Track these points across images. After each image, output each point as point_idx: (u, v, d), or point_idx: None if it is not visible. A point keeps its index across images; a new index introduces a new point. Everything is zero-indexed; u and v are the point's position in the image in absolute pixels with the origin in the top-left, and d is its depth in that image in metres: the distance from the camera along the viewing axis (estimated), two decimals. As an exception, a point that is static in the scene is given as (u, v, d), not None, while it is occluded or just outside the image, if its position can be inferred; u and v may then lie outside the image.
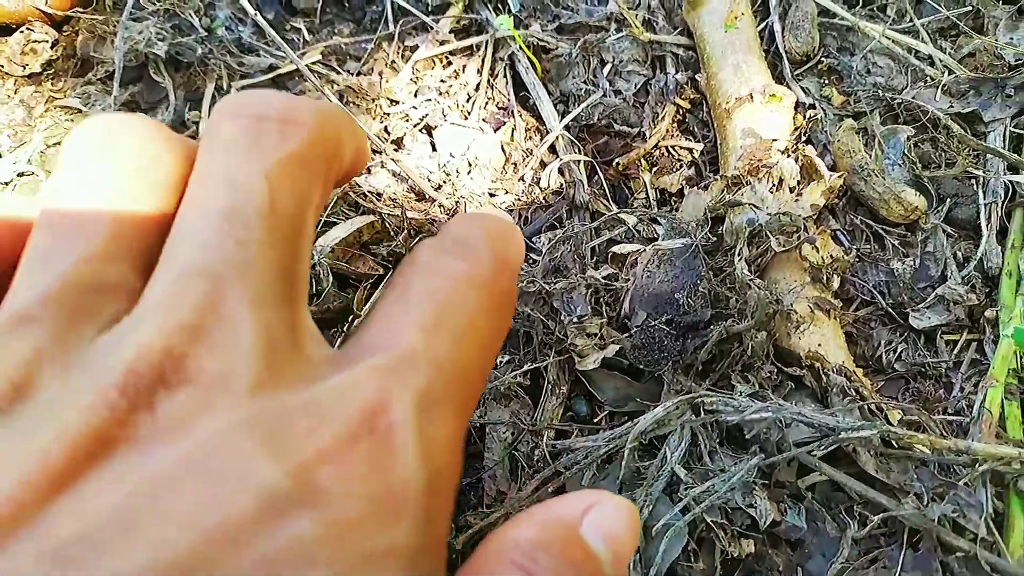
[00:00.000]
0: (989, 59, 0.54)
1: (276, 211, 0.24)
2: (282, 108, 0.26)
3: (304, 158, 0.26)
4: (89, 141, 0.27)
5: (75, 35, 0.57)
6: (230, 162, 0.25)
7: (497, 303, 0.30)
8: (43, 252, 0.24)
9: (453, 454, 0.24)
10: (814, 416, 0.37)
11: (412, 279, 0.27)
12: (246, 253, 0.23)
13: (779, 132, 0.50)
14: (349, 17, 0.61)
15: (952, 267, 0.47)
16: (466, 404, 0.27)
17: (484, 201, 0.50)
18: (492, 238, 0.30)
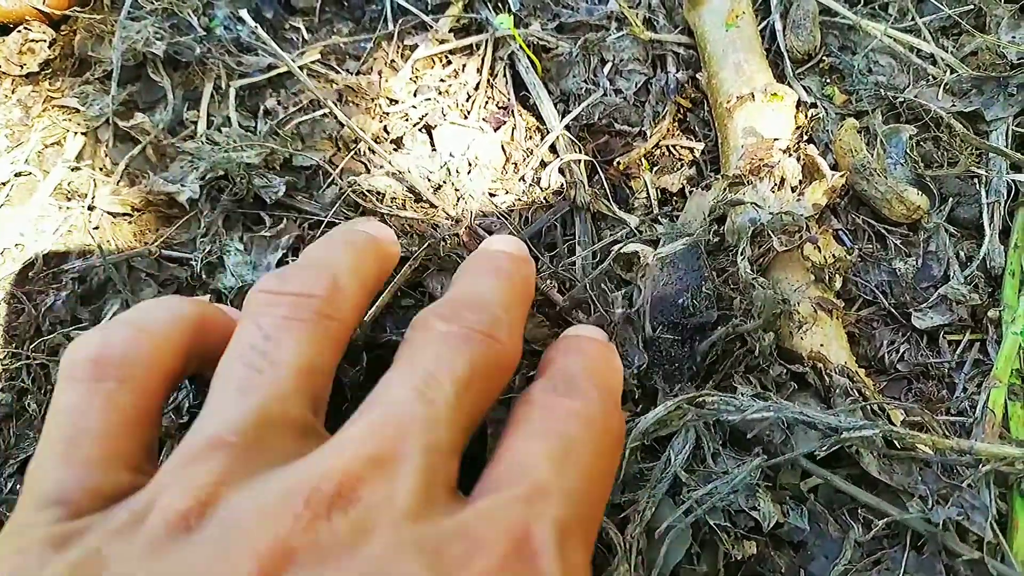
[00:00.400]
0: (991, 58, 0.54)
1: (468, 390, 0.28)
2: (490, 325, 0.31)
3: (497, 366, 0.31)
4: (280, 293, 0.30)
5: (73, 34, 0.57)
6: (442, 346, 0.29)
7: (612, 440, 0.32)
8: (237, 383, 0.27)
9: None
10: (816, 416, 0.37)
11: (531, 417, 0.30)
12: (435, 413, 0.27)
13: (781, 131, 0.49)
14: (348, 16, 0.61)
15: (955, 267, 0.47)
16: (592, 534, 0.29)
17: (484, 201, 0.50)
18: (593, 372, 0.34)
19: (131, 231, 0.50)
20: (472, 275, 0.36)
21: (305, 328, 0.29)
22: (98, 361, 0.27)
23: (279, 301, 0.30)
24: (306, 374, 0.28)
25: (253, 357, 0.28)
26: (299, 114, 0.54)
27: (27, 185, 0.52)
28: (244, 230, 0.50)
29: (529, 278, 0.37)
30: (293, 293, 0.30)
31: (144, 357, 0.28)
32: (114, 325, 0.30)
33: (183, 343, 0.30)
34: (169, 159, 0.52)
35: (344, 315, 0.31)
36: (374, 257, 0.35)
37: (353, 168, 0.52)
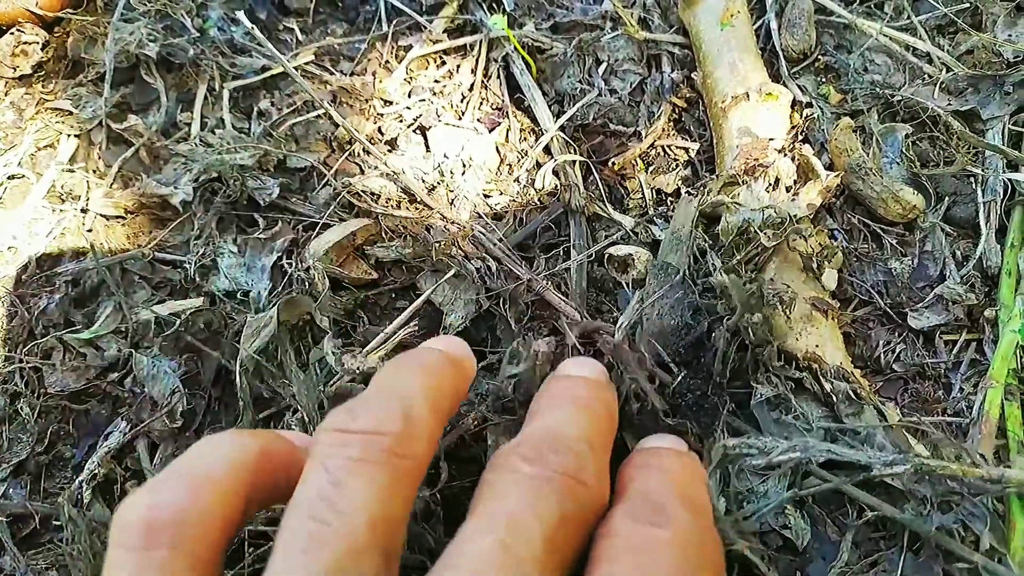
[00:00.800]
0: (987, 56, 0.53)
1: (554, 547, 0.26)
2: (576, 467, 0.28)
3: (586, 511, 0.29)
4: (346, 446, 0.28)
5: (66, 36, 0.57)
6: (526, 491, 0.27)
7: (709, 563, 0.29)
8: (305, 538, 0.25)
9: None
10: (845, 452, 0.36)
11: (616, 554, 0.28)
12: (520, 570, 0.25)
13: (776, 131, 0.49)
14: (342, 17, 0.61)
15: (951, 266, 0.47)
16: None
17: (479, 203, 0.50)
18: (679, 490, 0.31)
19: (124, 233, 0.50)
20: (551, 407, 0.33)
21: (377, 471, 0.27)
22: (149, 527, 0.25)
23: (349, 440, 0.27)
24: (380, 523, 0.26)
25: (321, 509, 0.26)
26: (293, 115, 0.54)
27: (20, 188, 0.52)
28: (238, 232, 0.50)
29: (612, 405, 0.34)
30: (363, 431, 0.28)
31: (198, 515, 0.26)
32: (165, 480, 0.27)
33: (243, 489, 0.28)
34: (163, 161, 0.52)
35: (418, 451, 0.29)
36: (450, 379, 0.33)
37: (347, 169, 0.52)
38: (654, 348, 0.40)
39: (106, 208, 0.51)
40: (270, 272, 0.47)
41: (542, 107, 0.53)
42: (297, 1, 0.60)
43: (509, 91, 0.55)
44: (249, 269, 0.47)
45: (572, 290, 0.46)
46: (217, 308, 0.46)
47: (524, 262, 0.47)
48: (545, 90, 0.55)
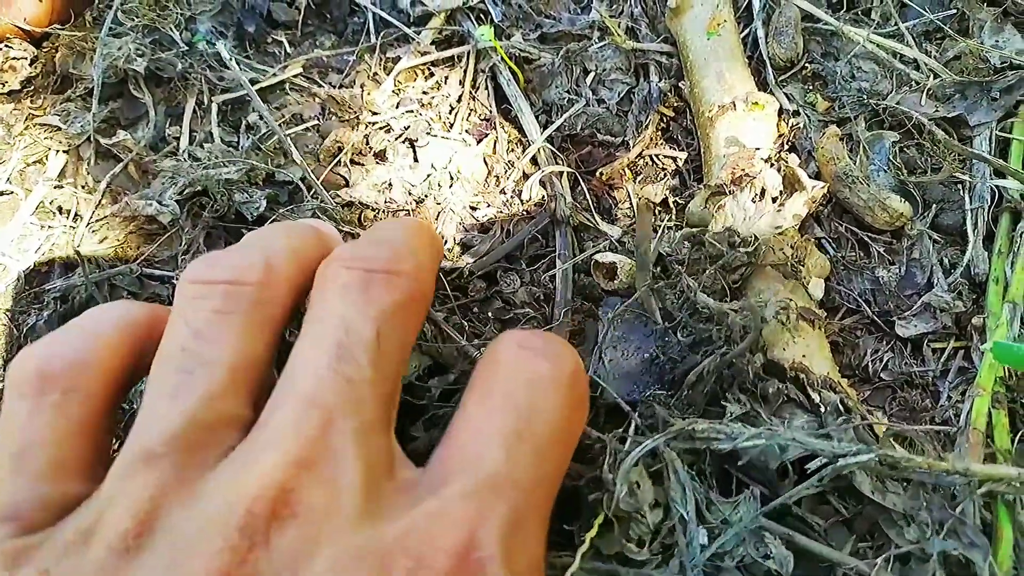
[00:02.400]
0: (975, 62, 0.53)
1: (382, 352, 0.27)
2: (388, 260, 0.29)
3: (406, 304, 0.29)
4: (203, 283, 0.29)
5: (54, 51, 0.57)
6: (344, 308, 0.28)
7: (577, 402, 0.30)
8: (168, 388, 0.26)
9: (538, 572, 0.26)
10: (810, 440, 0.36)
11: (494, 383, 0.28)
12: (355, 391, 0.26)
13: (762, 140, 0.49)
14: (331, 29, 0.61)
15: (938, 274, 0.47)
16: (548, 510, 0.28)
17: (465, 215, 0.50)
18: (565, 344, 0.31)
19: (113, 249, 0.50)
20: (375, 228, 0.35)
21: (238, 320, 0.28)
22: (43, 373, 0.27)
23: (209, 292, 0.28)
24: (241, 369, 0.27)
25: (183, 359, 0.27)
26: (282, 128, 0.54)
27: (9, 204, 0.52)
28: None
29: (436, 236, 0.37)
30: (224, 281, 0.29)
31: (90, 365, 0.28)
32: (60, 333, 0.29)
33: (132, 347, 0.29)
34: (151, 176, 0.52)
35: (279, 296, 0.30)
36: (314, 244, 0.33)
37: (335, 182, 0.52)
38: (623, 388, 0.40)
39: (95, 224, 0.51)
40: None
41: (529, 118, 0.53)
42: (285, 14, 0.60)
43: (497, 102, 0.55)
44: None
45: (558, 300, 0.46)
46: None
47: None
48: (533, 100, 0.55)
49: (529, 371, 0.28)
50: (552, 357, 0.29)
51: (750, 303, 0.39)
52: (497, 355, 0.29)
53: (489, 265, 0.48)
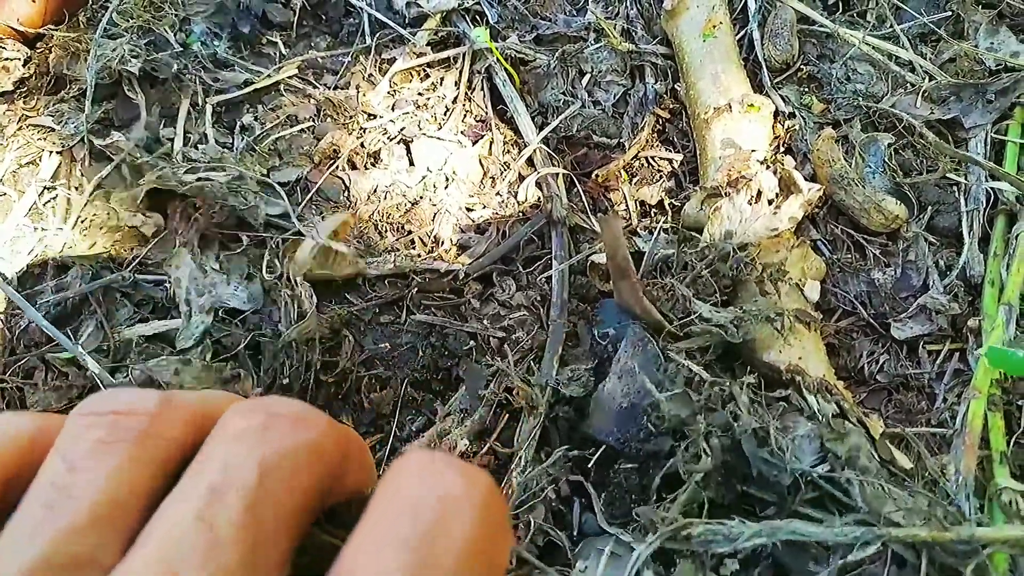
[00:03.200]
0: (970, 64, 0.53)
1: (261, 502, 0.23)
2: (299, 410, 0.25)
3: (309, 453, 0.25)
4: (91, 418, 0.25)
5: (48, 52, 0.56)
6: (227, 450, 0.25)
7: (497, 527, 0.25)
8: (27, 526, 0.23)
9: None
10: (813, 531, 0.36)
11: (395, 506, 0.25)
12: (216, 542, 0.22)
13: (758, 142, 0.49)
14: (326, 30, 0.60)
15: (934, 276, 0.47)
16: None
17: (461, 216, 0.50)
18: None
19: (107, 250, 0.50)
20: None
21: (121, 451, 0.25)
22: None
23: (96, 423, 0.25)
24: (112, 506, 0.24)
25: (50, 494, 0.24)
26: (277, 129, 0.54)
27: (2, 205, 0.52)
28: (220, 248, 0.49)
29: None
30: (114, 411, 0.26)
31: None
32: None
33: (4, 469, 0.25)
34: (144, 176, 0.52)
35: (175, 435, 0.26)
36: (224, 399, 0.32)
37: (331, 183, 0.52)
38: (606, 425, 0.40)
39: (87, 226, 0.51)
40: (256, 287, 0.47)
41: (525, 119, 0.53)
42: (280, 15, 0.60)
43: (492, 103, 0.55)
44: (230, 283, 0.47)
45: (554, 301, 0.46)
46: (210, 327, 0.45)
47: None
48: (528, 102, 0.55)
49: (439, 488, 0.26)
50: (465, 474, 0.26)
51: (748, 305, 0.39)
52: (400, 472, 0.27)
53: (485, 267, 0.48)
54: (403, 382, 0.45)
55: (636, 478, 0.41)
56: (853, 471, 0.38)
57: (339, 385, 0.44)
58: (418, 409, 0.45)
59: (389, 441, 0.43)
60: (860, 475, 0.37)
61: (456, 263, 0.48)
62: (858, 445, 0.38)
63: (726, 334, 0.41)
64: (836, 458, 0.38)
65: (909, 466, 0.40)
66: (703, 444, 0.38)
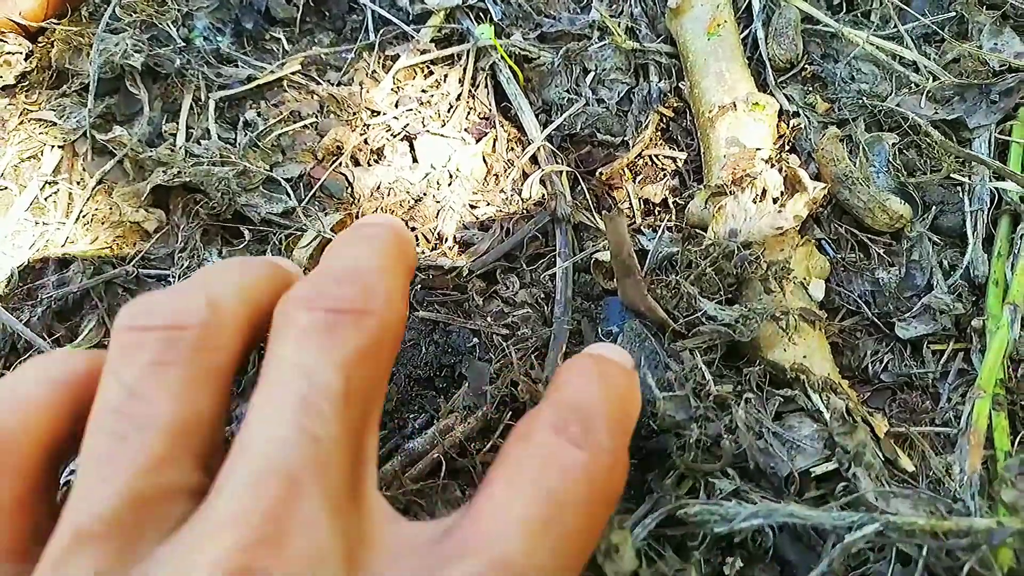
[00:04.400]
0: (974, 65, 0.53)
1: (351, 404, 0.24)
2: (355, 298, 0.26)
3: (378, 345, 0.26)
4: (136, 330, 0.25)
5: (50, 46, 0.56)
6: (304, 356, 0.24)
7: (609, 499, 0.27)
8: (101, 459, 0.23)
9: None
10: (809, 514, 0.35)
11: (524, 464, 0.26)
12: (323, 451, 0.23)
13: (763, 141, 0.49)
14: (329, 26, 0.60)
15: (938, 276, 0.47)
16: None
17: (465, 214, 0.50)
18: (616, 409, 0.28)
19: (109, 246, 0.50)
20: (339, 246, 0.30)
21: (178, 373, 0.25)
22: None
23: (144, 340, 0.25)
24: (184, 431, 0.24)
25: (116, 423, 0.24)
26: (280, 125, 0.54)
27: (3, 199, 0.52)
28: (223, 244, 0.49)
29: (407, 244, 0.31)
30: (160, 326, 0.25)
31: (16, 436, 0.24)
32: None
33: (69, 407, 0.26)
34: (147, 172, 0.52)
35: (228, 342, 0.26)
36: (266, 276, 0.29)
37: (334, 179, 0.52)
38: None
39: (89, 221, 0.50)
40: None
41: (529, 116, 0.53)
42: (283, 10, 0.60)
43: (496, 100, 0.55)
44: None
45: (558, 299, 0.46)
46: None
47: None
48: (532, 99, 0.55)
49: (563, 460, 0.26)
50: (589, 447, 0.27)
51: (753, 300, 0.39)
52: (531, 435, 0.27)
53: (489, 264, 0.48)
54: (406, 379, 0.44)
55: (638, 474, 0.41)
56: (860, 467, 0.38)
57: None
58: (421, 406, 0.45)
59: (393, 438, 0.43)
60: (866, 471, 0.37)
61: (459, 260, 0.48)
62: (865, 441, 0.38)
63: (734, 333, 0.41)
64: (845, 453, 0.38)
65: (911, 469, 0.40)
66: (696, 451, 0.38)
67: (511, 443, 0.27)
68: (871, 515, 0.35)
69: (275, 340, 0.26)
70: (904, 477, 0.40)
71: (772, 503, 0.37)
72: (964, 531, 0.35)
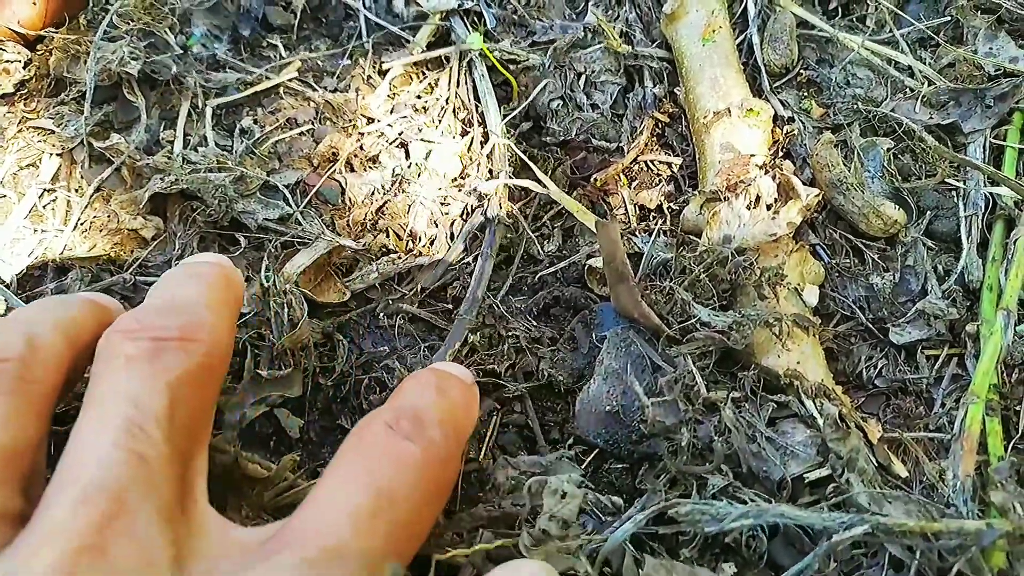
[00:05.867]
0: (969, 70, 0.53)
1: (176, 426, 0.25)
2: (181, 327, 0.27)
3: (201, 374, 0.27)
4: None
5: (48, 55, 0.56)
6: (131, 381, 0.26)
7: (441, 490, 0.29)
8: None
9: None
10: (799, 515, 0.36)
11: (356, 457, 0.27)
12: (148, 468, 0.24)
13: (757, 147, 0.49)
14: (326, 33, 0.61)
15: (932, 281, 0.47)
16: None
17: (435, 210, 0.50)
18: (449, 414, 0.30)
19: (107, 253, 0.50)
20: (164, 283, 0.32)
21: (2, 402, 0.26)
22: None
23: None
24: (4, 458, 0.25)
25: None
26: (276, 132, 0.54)
27: (2, 207, 0.52)
28: (220, 251, 0.49)
29: (234, 281, 0.33)
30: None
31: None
32: None
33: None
34: (145, 179, 0.52)
35: (48, 375, 0.27)
36: (86, 312, 0.31)
37: (330, 186, 0.52)
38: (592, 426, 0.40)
39: (87, 228, 0.51)
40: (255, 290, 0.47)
41: (494, 116, 0.54)
42: (280, 17, 0.60)
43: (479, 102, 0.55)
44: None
45: (468, 296, 0.47)
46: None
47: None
48: (529, 106, 0.55)
49: (396, 452, 0.27)
50: (421, 441, 0.28)
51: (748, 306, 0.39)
52: (365, 432, 0.28)
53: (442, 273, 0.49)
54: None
55: (628, 478, 0.41)
56: (853, 473, 0.38)
57: (338, 388, 0.44)
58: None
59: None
60: (860, 477, 0.37)
61: (418, 262, 0.49)
62: (858, 447, 0.38)
63: (728, 340, 0.41)
64: (838, 458, 0.38)
65: (905, 474, 0.40)
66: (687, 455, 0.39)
67: (346, 441, 0.28)
68: (861, 516, 0.36)
69: (99, 369, 0.27)
70: (897, 483, 0.40)
71: (763, 503, 0.37)
72: (954, 533, 0.35)
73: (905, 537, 0.36)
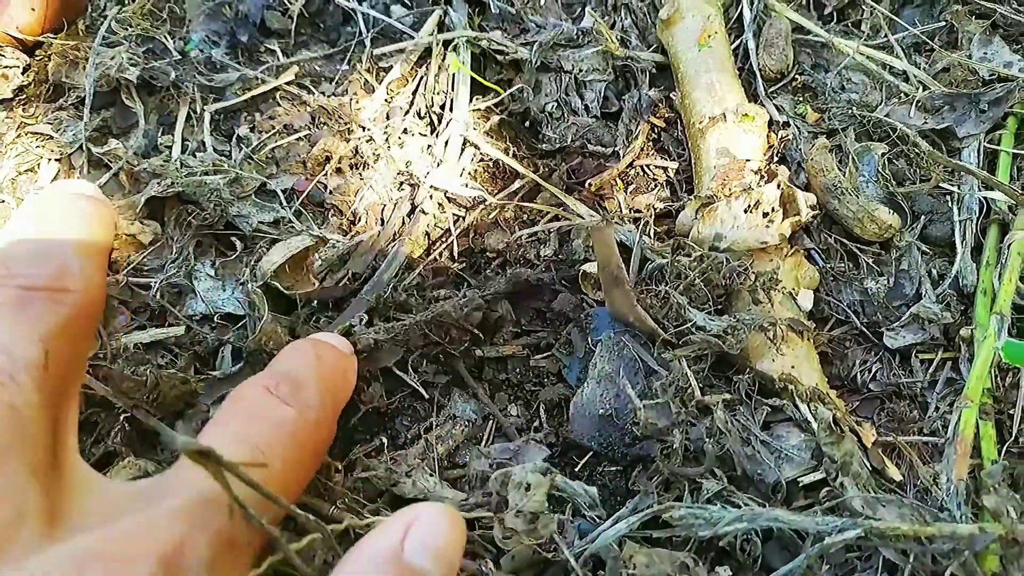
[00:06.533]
0: (963, 74, 0.54)
1: (48, 376, 0.26)
2: (51, 276, 0.28)
3: (73, 323, 0.28)
4: None
5: (47, 60, 0.57)
6: (1, 328, 0.26)
7: (315, 450, 0.30)
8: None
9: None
10: (793, 519, 0.36)
11: (231, 419, 0.28)
12: (20, 418, 0.24)
13: (752, 152, 0.49)
14: (324, 38, 0.61)
15: (927, 285, 0.47)
16: (263, 540, 0.27)
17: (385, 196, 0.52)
18: (326, 381, 0.31)
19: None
20: (28, 221, 0.33)
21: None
22: None
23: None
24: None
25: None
26: (274, 138, 0.54)
27: (1, 212, 0.52)
28: (217, 255, 0.50)
29: (106, 217, 0.34)
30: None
31: None
32: None
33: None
34: (143, 184, 0.52)
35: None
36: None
37: (316, 188, 0.52)
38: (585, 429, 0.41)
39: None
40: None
41: (462, 104, 0.54)
42: (278, 22, 0.60)
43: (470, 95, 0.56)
44: (225, 289, 0.48)
45: (375, 278, 0.47)
46: (195, 333, 0.46)
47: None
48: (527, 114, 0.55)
49: (272, 414, 0.28)
50: (297, 404, 0.29)
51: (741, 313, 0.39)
52: (243, 395, 0.29)
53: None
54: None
55: (622, 480, 0.41)
56: (847, 477, 0.38)
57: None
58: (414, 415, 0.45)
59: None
60: (854, 481, 0.37)
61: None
62: (852, 451, 0.38)
63: (723, 344, 0.41)
64: (832, 462, 0.38)
65: (899, 478, 0.41)
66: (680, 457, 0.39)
67: (226, 402, 0.29)
68: (855, 520, 0.36)
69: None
70: (891, 487, 0.40)
71: (757, 507, 0.37)
72: (948, 537, 0.35)
73: (899, 541, 0.36)
